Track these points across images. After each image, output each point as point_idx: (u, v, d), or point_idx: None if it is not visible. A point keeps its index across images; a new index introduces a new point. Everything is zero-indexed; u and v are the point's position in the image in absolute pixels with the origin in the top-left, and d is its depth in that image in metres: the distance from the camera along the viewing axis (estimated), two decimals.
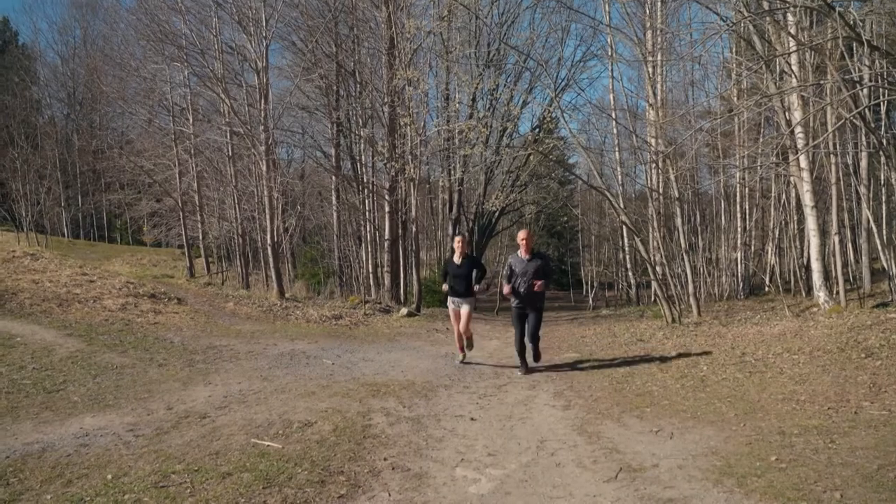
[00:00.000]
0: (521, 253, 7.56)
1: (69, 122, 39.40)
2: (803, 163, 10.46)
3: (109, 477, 3.89)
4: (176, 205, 21.65)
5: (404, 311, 14.73)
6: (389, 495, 3.71)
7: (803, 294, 14.03)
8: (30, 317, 9.62)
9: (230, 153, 18.79)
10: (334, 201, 20.54)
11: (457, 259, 7.97)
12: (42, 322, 9.39)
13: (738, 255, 18.39)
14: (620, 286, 28.33)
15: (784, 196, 16.63)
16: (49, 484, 3.81)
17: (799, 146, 10.46)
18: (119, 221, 37.72)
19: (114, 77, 22.98)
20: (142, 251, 30.31)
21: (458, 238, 8.23)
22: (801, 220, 15.21)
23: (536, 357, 7.95)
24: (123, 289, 12.43)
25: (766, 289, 17.35)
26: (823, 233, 11.69)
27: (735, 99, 13.54)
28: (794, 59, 10.04)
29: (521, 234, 7.65)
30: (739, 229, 18.53)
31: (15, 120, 28.40)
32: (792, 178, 12.29)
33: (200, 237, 21.93)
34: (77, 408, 5.71)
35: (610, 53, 17.63)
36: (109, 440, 4.73)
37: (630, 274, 23.59)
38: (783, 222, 17.17)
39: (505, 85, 20.85)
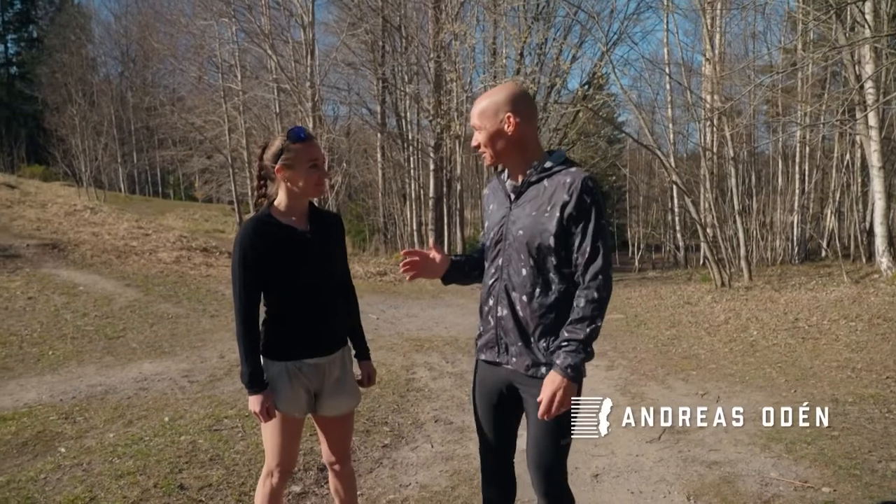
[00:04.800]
0: (507, 178, 2.08)
1: (123, 80, 40.25)
2: (872, 120, 9.86)
3: (167, 419, 4.09)
4: (226, 161, 22.07)
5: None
6: (432, 447, 3.78)
7: (863, 260, 13.44)
8: (91, 267, 10.07)
9: (277, 110, 18.94)
10: (379, 158, 20.57)
11: (286, 214, 2.17)
12: (102, 272, 9.83)
13: (795, 218, 17.68)
14: (668, 248, 27.72)
15: (848, 156, 15.78)
16: (111, 423, 4.03)
17: (868, 102, 9.84)
18: (172, 177, 38.76)
19: (164, 34, 23.33)
20: (194, 206, 31.17)
21: (295, 146, 2.08)
22: (866, 183, 14.43)
23: None
24: (177, 242, 12.87)
25: (823, 254, 16.69)
26: (889, 196, 11.07)
27: (800, 52, 12.78)
28: (868, 7, 9.35)
29: (479, 103, 1.97)
30: (797, 191, 17.75)
31: (73, 78, 29.22)
32: (858, 138, 11.64)
33: (250, 193, 22.35)
34: (136, 354, 6.00)
35: (665, 4, 16.81)
36: (166, 385, 4.96)
37: (679, 236, 23.02)
38: (845, 184, 16.34)
39: (554, 39, 20.18)
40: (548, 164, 1.96)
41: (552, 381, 1.83)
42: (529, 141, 1.97)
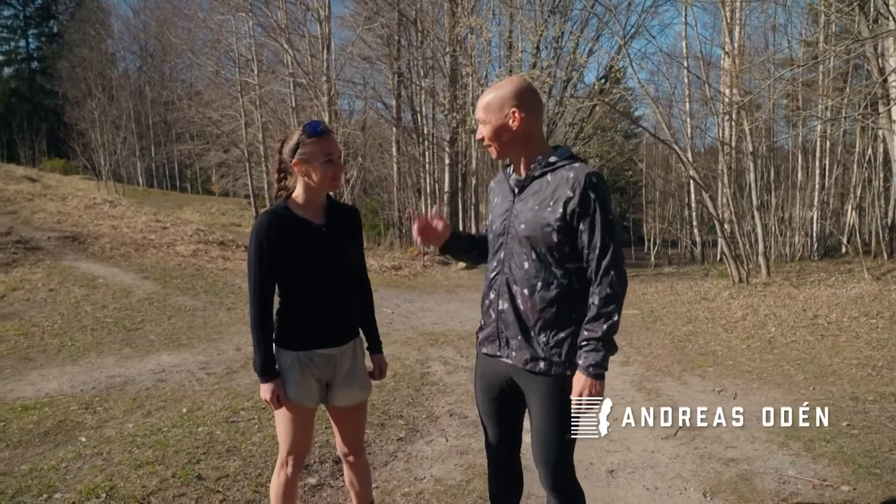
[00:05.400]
0: (512, 171, 2.07)
1: (141, 75, 40.68)
2: None
3: (185, 410, 4.13)
4: (242, 155, 22.23)
5: (463, 263, 14.78)
6: (447, 440, 3.79)
7: (885, 256, 13.23)
8: (110, 260, 10.20)
9: (293, 104, 19.02)
10: (394, 153, 20.60)
11: (303, 207, 2.17)
12: (121, 265, 9.95)
13: (814, 214, 17.42)
14: (684, 244, 27.50)
15: (870, 151, 15.51)
16: (131, 414, 4.09)
17: (892, 96, 9.64)
18: (189, 171, 39.12)
19: (182, 29, 23.54)
20: (211, 200, 31.44)
21: (310, 140, 2.08)
22: (888, 178, 14.22)
23: None
24: (194, 235, 12.99)
25: (844, 250, 16.44)
26: None
27: (821, 44, 12.58)
28: None
29: (484, 97, 1.97)
30: (817, 187, 17.49)
31: (92, 72, 29.54)
32: (880, 132, 11.42)
33: (265, 187, 22.50)
34: (154, 346, 6.07)
35: None
36: (184, 377, 5.02)
37: (696, 231, 22.81)
38: (866, 180, 16.07)
39: (571, 32, 20.03)
40: (552, 159, 1.94)
41: (578, 382, 1.85)
42: (534, 136, 1.96)
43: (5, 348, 5.84)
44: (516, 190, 1.99)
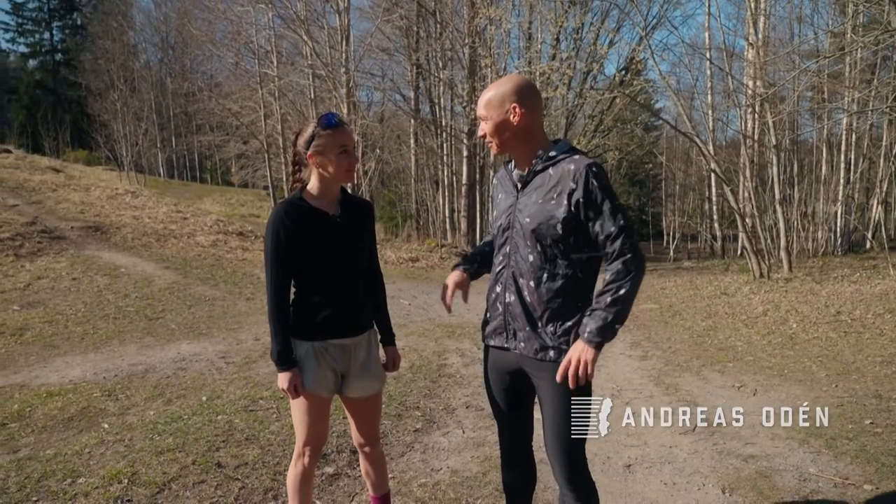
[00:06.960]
0: (514, 168, 2.09)
1: (163, 66, 41.13)
2: None
3: (204, 399, 4.19)
4: (261, 147, 22.38)
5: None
6: (463, 432, 3.80)
7: None
8: (132, 250, 10.35)
9: (312, 96, 19.07)
10: (412, 145, 20.60)
11: (318, 198, 2.19)
12: (142, 255, 10.09)
13: (839, 208, 17.09)
14: (705, 238, 27.19)
15: None
16: (152, 401, 4.15)
17: None
18: (209, 162, 39.49)
19: (202, 20, 23.67)
20: (230, 191, 31.71)
21: (325, 132, 2.09)
22: None
23: None
24: (214, 226, 13.13)
25: (868, 245, 16.14)
26: None
27: (849, 35, 12.29)
28: None
29: (485, 94, 2.01)
30: (842, 181, 17.15)
31: (115, 64, 29.87)
32: None
33: (284, 178, 22.63)
34: (175, 335, 6.16)
35: None
36: (204, 366, 5.08)
37: (716, 225, 22.54)
38: (893, 174, 15.74)
39: (591, 23, 19.81)
40: (552, 153, 1.96)
41: (575, 347, 1.87)
42: (535, 131, 1.99)
43: (31, 336, 5.96)
44: (519, 185, 2.02)
